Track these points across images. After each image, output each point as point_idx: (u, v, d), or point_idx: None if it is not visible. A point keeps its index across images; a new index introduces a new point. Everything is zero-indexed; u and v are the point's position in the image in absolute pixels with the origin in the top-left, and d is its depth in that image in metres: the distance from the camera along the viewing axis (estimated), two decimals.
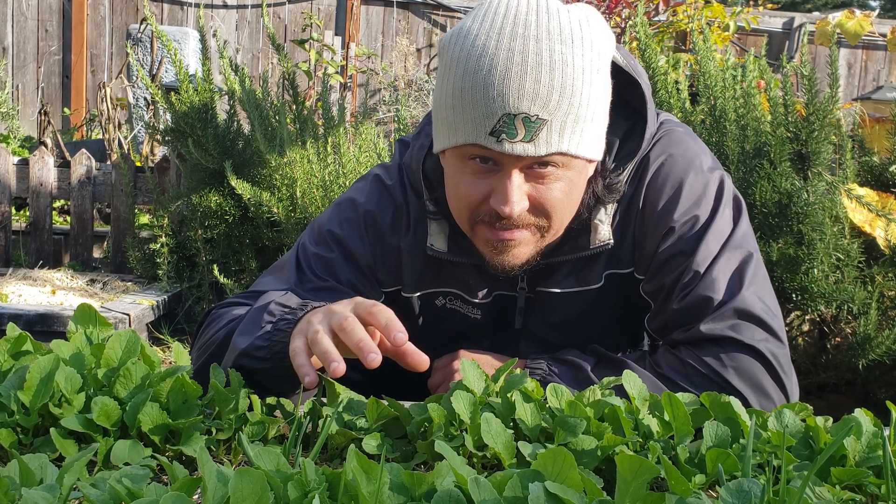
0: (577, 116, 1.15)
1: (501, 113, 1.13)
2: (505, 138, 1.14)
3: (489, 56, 1.13)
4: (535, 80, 1.12)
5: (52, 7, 7.54)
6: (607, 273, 1.35)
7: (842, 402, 2.52)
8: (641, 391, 1.02)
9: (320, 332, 1.04)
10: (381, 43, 7.81)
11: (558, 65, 1.13)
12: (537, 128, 1.13)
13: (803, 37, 2.98)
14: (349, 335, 1.01)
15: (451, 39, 1.20)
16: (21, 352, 1.04)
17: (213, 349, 1.27)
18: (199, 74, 3.39)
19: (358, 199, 1.42)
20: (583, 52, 1.15)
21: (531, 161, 1.17)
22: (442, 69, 1.21)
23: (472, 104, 1.15)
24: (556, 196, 1.21)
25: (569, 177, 1.21)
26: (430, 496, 0.72)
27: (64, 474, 0.73)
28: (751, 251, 1.30)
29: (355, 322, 1.03)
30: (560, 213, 1.24)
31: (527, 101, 1.12)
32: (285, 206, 3.14)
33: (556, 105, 1.13)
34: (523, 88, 1.12)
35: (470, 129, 1.16)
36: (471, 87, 1.14)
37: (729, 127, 2.43)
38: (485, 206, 1.22)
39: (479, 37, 1.15)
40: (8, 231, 4.18)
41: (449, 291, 1.41)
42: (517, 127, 1.13)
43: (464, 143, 1.18)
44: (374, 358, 0.98)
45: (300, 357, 1.04)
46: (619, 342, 1.44)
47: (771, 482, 0.78)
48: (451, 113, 1.18)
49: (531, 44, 1.13)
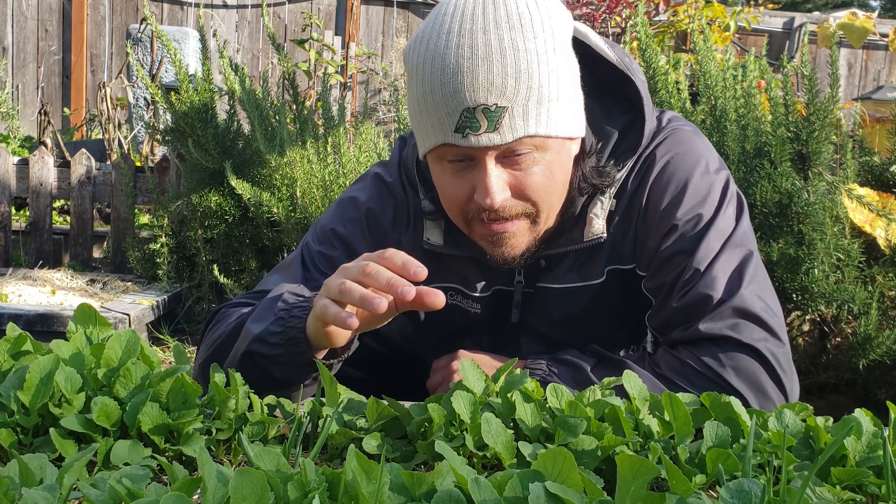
0: (538, 98, 1.16)
1: (461, 108, 1.14)
2: (470, 132, 1.15)
3: (440, 56, 1.15)
4: (487, 71, 1.13)
5: (52, 7, 7.54)
6: (609, 269, 1.35)
7: (842, 402, 2.52)
8: (642, 391, 1.02)
9: (346, 282, 1.05)
10: (381, 43, 7.81)
11: (509, 51, 1.14)
12: (499, 116, 1.14)
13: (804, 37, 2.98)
14: (377, 277, 1.03)
15: (409, 48, 1.23)
16: (21, 352, 1.04)
17: (222, 341, 1.28)
18: (199, 74, 3.38)
19: (359, 198, 1.42)
20: (534, 34, 1.15)
21: (502, 150, 1.18)
22: (407, 79, 1.24)
23: (434, 106, 1.17)
24: (536, 180, 1.21)
25: (546, 159, 1.21)
26: (430, 496, 0.72)
27: (64, 474, 0.73)
28: (751, 250, 1.30)
29: (377, 266, 1.04)
30: (546, 196, 1.24)
31: (483, 92, 1.13)
32: (285, 206, 3.14)
33: (513, 91, 1.14)
34: (477, 80, 1.13)
35: (437, 130, 1.18)
36: (430, 90, 1.16)
37: (729, 127, 2.43)
38: (472, 203, 1.23)
39: (430, 39, 1.17)
40: (8, 231, 4.18)
41: (449, 287, 1.41)
42: (479, 119, 1.15)
43: (435, 146, 1.20)
44: (408, 291, 1.01)
45: (331, 308, 1.06)
46: (621, 339, 1.44)
47: (771, 482, 0.78)
48: (419, 119, 1.21)
49: (479, 36, 1.14)
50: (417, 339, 1.52)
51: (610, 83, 1.32)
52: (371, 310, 1.02)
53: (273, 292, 1.25)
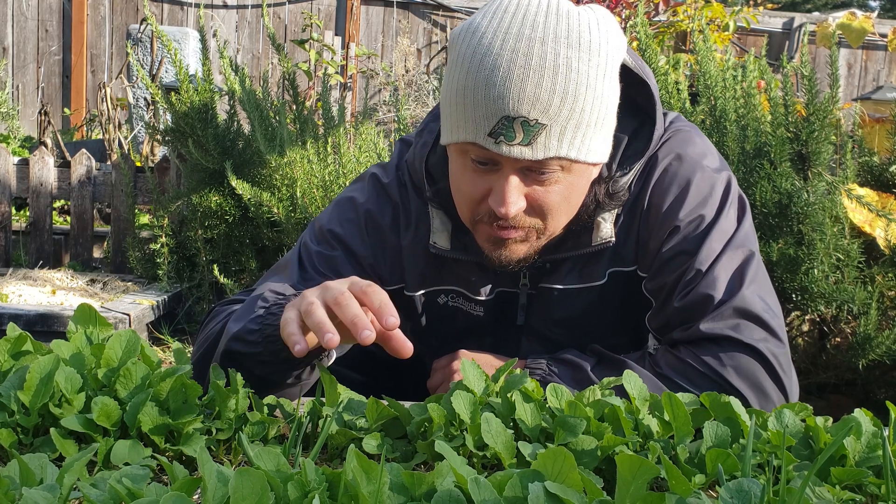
0: (578, 122, 1.15)
1: (501, 115, 1.12)
2: (503, 140, 1.14)
3: (493, 56, 1.13)
4: (536, 84, 1.11)
5: (52, 7, 7.54)
6: (611, 270, 1.35)
7: (842, 402, 2.52)
8: (642, 391, 1.02)
9: (315, 303, 1.03)
10: (382, 43, 7.81)
11: (562, 69, 1.12)
12: (536, 132, 1.13)
13: (803, 37, 2.98)
14: (344, 310, 1.00)
15: (460, 34, 1.20)
16: (21, 352, 1.04)
17: (209, 342, 1.28)
18: (199, 74, 3.38)
19: (357, 199, 1.42)
20: (589, 56, 1.14)
21: (529, 164, 1.17)
22: (450, 63, 1.21)
23: (474, 104, 1.14)
24: (553, 199, 1.21)
25: (569, 180, 1.21)
26: (430, 496, 0.72)
27: (64, 474, 0.73)
28: (752, 250, 1.30)
29: (351, 298, 1.02)
30: (556, 216, 1.24)
31: (526, 105, 1.12)
32: (285, 206, 3.14)
33: (556, 110, 1.12)
34: (524, 92, 1.11)
35: (470, 127, 1.16)
36: (473, 86, 1.14)
37: (729, 127, 2.43)
38: (484, 204, 1.22)
39: (486, 34, 1.15)
40: (8, 231, 4.18)
41: (451, 289, 1.41)
42: (515, 130, 1.13)
43: (464, 141, 1.18)
44: (369, 335, 0.98)
45: (291, 326, 1.03)
46: (622, 341, 1.44)
47: (771, 482, 0.78)
48: (454, 109, 1.18)
49: (536, 46, 1.12)
50: (417, 341, 1.52)
51: (623, 88, 1.31)
52: (320, 342, 0.99)
53: (256, 292, 1.25)
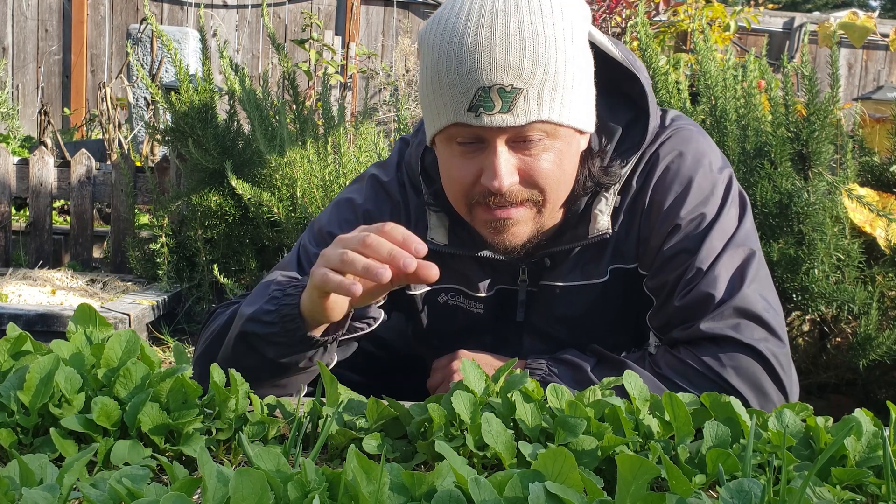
0: (554, 84, 1.16)
1: (476, 87, 1.14)
2: (483, 112, 1.15)
3: (458, 35, 1.15)
4: (505, 51, 1.13)
5: (52, 7, 7.54)
6: (612, 267, 1.35)
7: (842, 402, 2.52)
8: (642, 391, 1.02)
9: (348, 252, 1.05)
10: (382, 43, 7.81)
11: (528, 34, 1.14)
12: (513, 98, 1.14)
13: (804, 37, 2.97)
14: (377, 248, 1.03)
15: (426, 29, 1.23)
16: (21, 352, 1.04)
17: (215, 335, 1.29)
18: (199, 74, 3.38)
19: (356, 199, 1.42)
20: (553, 21, 1.16)
21: (514, 133, 1.17)
22: (421, 59, 1.23)
23: (448, 84, 1.16)
24: (545, 167, 1.21)
25: (557, 147, 1.21)
26: (431, 496, 0.72)
27: (64, 474, 0.73)
28: (753, 249, 1.30)
29: (378, 237, 1.04)
30: (553, 185, 1.23)
31: (499, 72, 1.13)
32: (285, 206, 3.14)
33: (529, 73, 1.14)
34: (494, 60, 1.13)
35: (450, 109, 1.18)
36: (445, 69, 1.16)
37: (729, 127, 2.43)
38: (478, 186, 1.22)
39: (449, 19, 1.17)
40: (8, 231, 4.17)
41: (451, 288, 1.41)
42: (493, 99, 1.14)
43: (446, 125, 1.20)
44: (410, 263, 1.00)
45: (333, 276, 1.05)
46: (623, 339, 1.44)
47: (771, 482, 0.78)
48: (431, 98, 1.20)
49: (499, 17, 1.14)
50: (418, 340, 1.52)
51: (614, 81, 1.32)
52: (376, 279, 1.01)
53: (265, 279, 1.26)
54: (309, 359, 1.20)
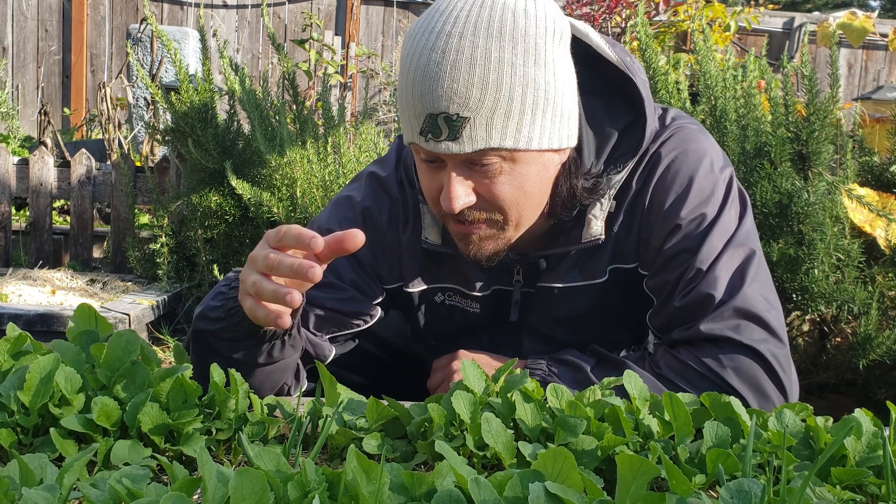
0: (507, 111, 1.14)
1: (426, 113, 1.15)
2: (431, 138, 1.16)
3: (419, 55, 1.15)
4: (452, 79, 1.12)
5: (52, 7, 7.54)
6: (612, 267, 1.35)
7: (842, 402, 2.52)
8: (642, 391, 1.02)
9: (256, 279, 1.03)
10: (382, 43, 7.81)
11: (479, 61, 1.12)
12: (459, 126, 1.14)
13: (804, 37, 2.98)
14: (280, 267, 1.00)
15: (406, 36, 1.22)
16: (21, 352, 1.04)
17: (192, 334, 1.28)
18: (199, 74, 3.38)
19: (355, 197, 1.42)
20: (513, 44, 1.13)
21: (465, 157, 1.18)
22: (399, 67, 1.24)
23: (407, 105, 1.18)
24: (503, 189, 1.20)
25: (517, 170, 1.20)
26: (430, 496, 0.72)
27: (64, 474, 0.73)
28: (753, 249, 1.29)
29: (278, 254, 1.01)
30: (514, 207, 1.22)
31: (444, 101, 1.13)
32: (285, 206, 3.14)
33: (477, 102, 1.13)
34: (441, 88, 1.13)
35: (408, 128, 1.20)
36: (407, 87, 1.17)
37: (729, 127, 2.43)
38: None
39: (419, 35, 1.17)
40: (8, 231, 4.17)
41: (448, 287, 1.41)
42: (440, 126, 1.15)
43: (409, 142, 1.22)
44: (315, 271, 0.97)
45: (258, 309, 1.04)
46: (623, 339, 1.44)
47: (771, 482, 0.78)
48: (399, 112, 1.22)
49: (454, 41, 1.13)
50: (416, 341, 1.52)
51: (612, 81, 1.31)
52: (289, 305, 1.00)
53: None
54: (267, 353, 1.17)
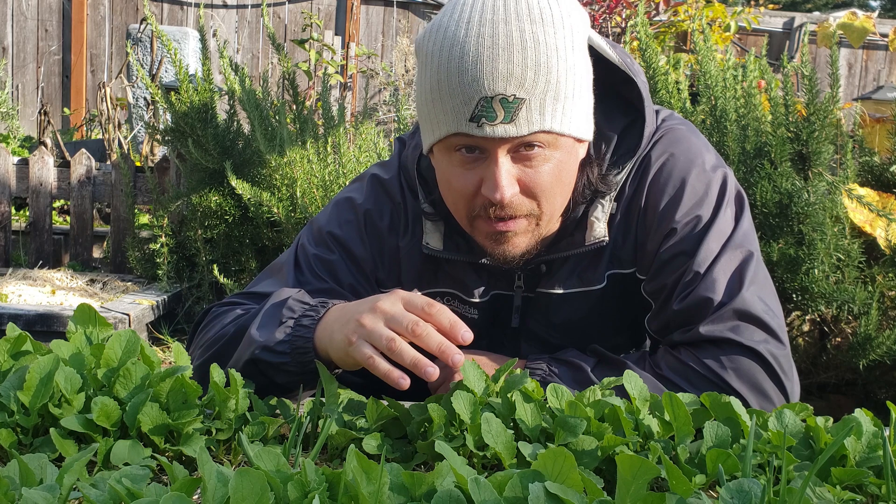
0: (556, 94, 1.15)
1: (478, 97, 1.13)
2: (485, 122, 1.14)
3: (460, 44, 1.14)
4: (507, 61, 1.12)
5: (52, 7, 7.54)
6: (610, 273, 1.34)
7: (842, 403, 2.52)
8: (642, 391, 1.02)
9: (396, 340, 1.05)
10: (382, 43, 7.81)
11: (530, 43, 1.13)
12: (516, 108, 1.13)
13: (804, 37, 2.97)
14: (427, 340, 1.04)
15: (424, 37, 1.21)
16: (21, 352, 1.04)
17: (221, 345, 1.27)
18: (199, 74, 3.38)
19: (356, 199, 1.41)
20: (554, 29, 1.15)
21: (516, 143, 1.17)
22: (419, 67, 1.22)
23: (450, 94, 1.15)
24: (545, 179, 1.20)
25: (557, 157, 1.20)
26: (430, 496, 0.72)
27: (64, 474, 0.73)
28: (751, 250, 1.29)
29: (427, 326, 1.04)
30: (550, 197, 1.23)
31: (502, 82, 1.12)
32: (285, 206, 3.14)
33: (532, 83, 1.13)
34: (497, 70, 1.12)
35: (451, 118, 1.16)
36: (446, 78, 1.15)
37: (729, 127, 2.43)
38: (479, 198, 1.21)
39: (449, 28, 1.16)
40: (8, 231, 4.17)
41: (446, 292, 1.41)
42: (496, 109, 1.13)
43: (447, 135, 1.18)
44: (458, 360, 1.02)
45: (382, 365, 1.05)
46: (621, 342, 1.43)
47: (771, 482, 0.78)
48: (431, 108, 1.19)
49: (500, 27, 1.13)
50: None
51: (610, 85, 1.31)
52: (423, 377, 1.02)
53: (274, 298, 1.24)
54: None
